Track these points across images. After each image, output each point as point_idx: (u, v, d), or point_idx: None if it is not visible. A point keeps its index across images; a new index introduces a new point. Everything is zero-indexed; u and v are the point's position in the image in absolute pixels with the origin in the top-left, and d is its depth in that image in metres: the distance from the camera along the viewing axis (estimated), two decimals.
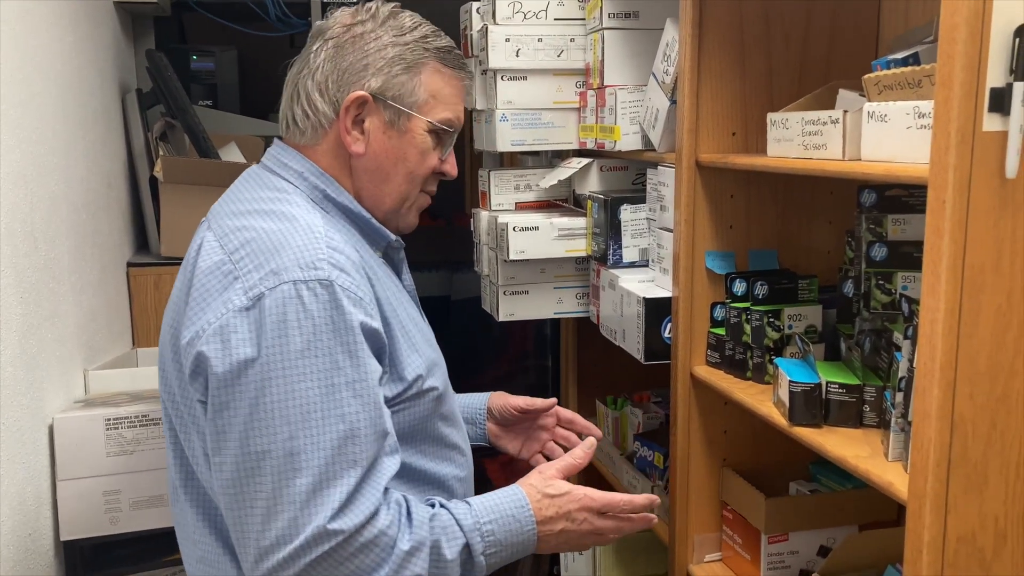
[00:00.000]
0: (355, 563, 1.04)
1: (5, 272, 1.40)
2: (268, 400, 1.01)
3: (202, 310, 1.05)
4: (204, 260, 1.08)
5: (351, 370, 1.04)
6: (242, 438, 1.01)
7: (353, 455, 1.04)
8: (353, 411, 1.04)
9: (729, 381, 1.46)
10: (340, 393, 1.03)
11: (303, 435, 1.01)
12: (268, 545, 1.02)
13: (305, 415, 1.01)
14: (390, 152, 1.18)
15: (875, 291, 1.36)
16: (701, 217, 1.50)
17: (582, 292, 1.94)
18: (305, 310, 1.02)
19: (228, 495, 1.04)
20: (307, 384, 1.02)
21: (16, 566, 1.38)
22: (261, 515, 1.02)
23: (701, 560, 1.61)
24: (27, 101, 1.59)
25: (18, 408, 1.43)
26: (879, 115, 1.07)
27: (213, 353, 1.02)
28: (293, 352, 1.01)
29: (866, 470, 1.09)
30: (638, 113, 1.69)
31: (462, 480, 1.27)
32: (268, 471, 1.01)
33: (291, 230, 1.08)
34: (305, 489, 1.01)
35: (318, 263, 1.05)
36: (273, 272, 1.03)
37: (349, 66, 1.16)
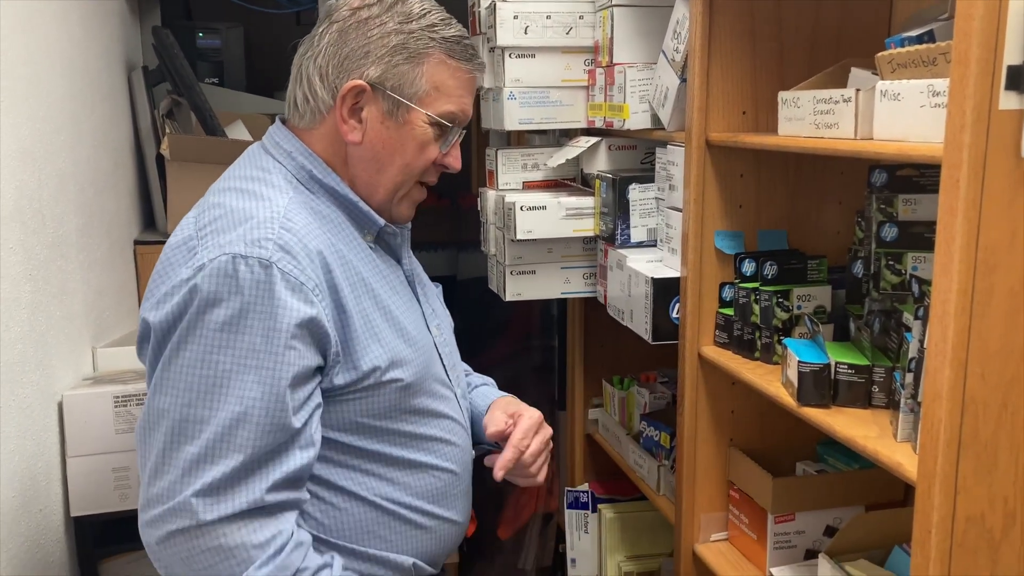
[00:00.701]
0: (208, 560, 1.02)
1: (14, 249, 1.40)
2: (178, 363, 1.02)
3: (160, 281, 1.08)
4: (176, 236, 1.11)
5: (264, 355, 1.03)
6: (154, 391, 1.05)
7: (239, 440, 1.02)
8: (252, 396, 1.02)
9: (737, 361, 1.46)
10: (246, 375, 1.02)
11: (201, 405, 1.02)
12: (149, 499, 1.04)
13: (209, 387, 1.02)
14: (387, 143, 1.16)
15: (885, 271, 1.35)
16: (710, 196, 1.49)
17: (589, 272, 1.93)
18: (237, 285, 1.02)
19: (137, 441, 1.07)
20: (218, 358, 1.02)
21: (27, 541, 1.39)
22: (151, 469, 1.04)
23: (707, 539, 1.62)
24: (33, 78, 1.58)
25: (27, 385, 1.43)
26: (892, 93, 1.06)
27: (152, 316, 1.05)
28: (213, 324, 1.02)
29: (875, 450, 1.09)
30: (647, 91, 1.68)
31: (447, 472, 1.24)
32: (163, 430, 1.03)
33: (254, 208, 1.08)
34: (190, 457, 1.02)
35: (263, 242, 1.04)
36: (219, 245, 1.04)
37: (350, 52, 1.14)
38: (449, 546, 1.29)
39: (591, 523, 2.19)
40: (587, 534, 2.21)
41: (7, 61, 1.44)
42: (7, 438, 1.34)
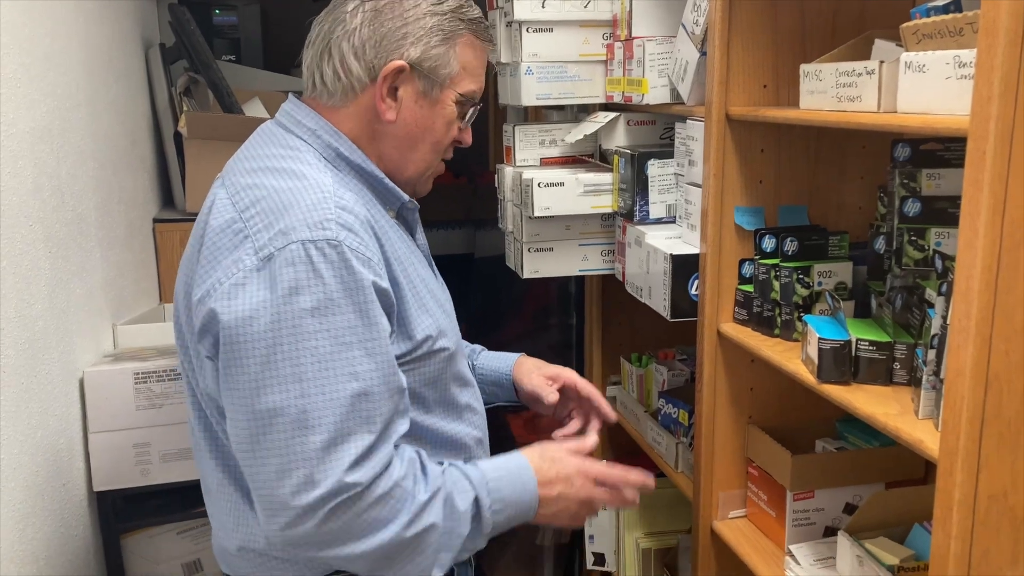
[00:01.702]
0: (372, 514, 1.05)
1: (34, 227, 1.41)
2: (279, 358, 1.01)
3: (212, 268, 1.05)
4: (216, 218, 1.08)
5: (363, 329, 1.04)
6: (253, 395, 1.02)
7: (367, 412, 1.04)
8: (366, 369, 1.04)
9: (756, 338, 1.45)
10: (352, 351, 1.03)
11: (315, 392, 1.01)
12: (282, 502, 1.02)
13: (317, 373, 1.01)
14: (420, 121, 1.18)
15: (907, 247, 1.33)
16: (730, 172, 1.47)
17: (607, 249, 1.92)
18: (314, 270, 1.02)
19: (243, 452, 1.05)
20: (318, 342, 1.01)
21: (51, 515, 1.41)
22: (275, 471, 1.02)
23: (725, 516, 1.61)
24: (50, 56, 1.58)
25: (49, 361, 1.45)
26: (917, 65, 1.04)
27: (223, 310, 1.02)
28: (303, 311, 1.01)
29: (896, 428, 1.08)
30: (667, 65, 1.66)
31: (479, 441, 1.28)
32: (281, 428, 1.01)
33: (300, 188, 1.07)
34: (319, 446, 1.01)
35: (326, 223, 1.04)
36: (282, 232, 1.03)
37: (388, 32, 1.14)
38: None
39: None
40: (605, 511, 2.21)
41: (25, 38, 1.45)
42: (30, 413, 1.35)
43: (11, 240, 1.31)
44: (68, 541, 1.49)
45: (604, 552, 2.24)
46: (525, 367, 1.46)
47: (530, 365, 1.46)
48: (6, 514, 1.23)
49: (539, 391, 1.41)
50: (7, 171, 1.31)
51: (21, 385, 1.32)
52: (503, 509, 1.15)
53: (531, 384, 1.43)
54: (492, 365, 1.47)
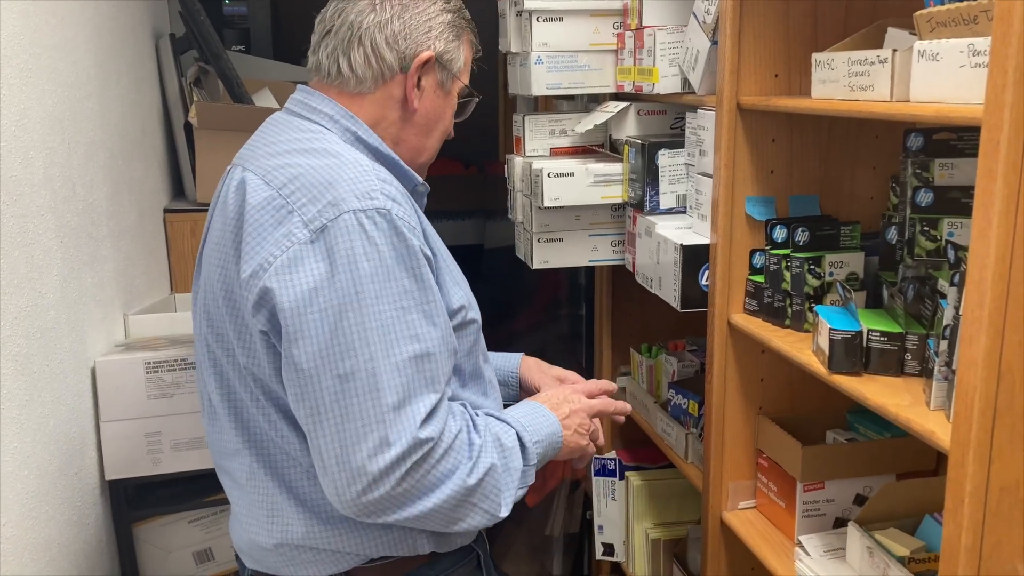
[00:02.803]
0: (440, 468, 1.08)
1: (45, 217, 1.42)
2: (347, 325, 1.03)
3: (259, 244, 1.06)
4: (253, 196, 1.09)
5: (419, 293, 1.07)
6: (323, 364, 1.04)
7: (430, 372, 1.08)
8: (425, 331, 1.07)
9: (767, 329, 1.44)
10: (411, 315, 1.06)
11: (382, 357, 1.04)
12: (359, 466, 1.04)
13: (382, 337, 1.04)
14: (435, 110, 1.25)
15: (920, 237, 1.32)
16: (741, 162, 1.47)
17: (617, 239, 1.91)
18: (368, 238, 1.05)
19: (313, 424, 1.06)
20: (381, 308, 1.05)
21: (63, 503, 1.42)
22: (352, 437, 1.04)
23: (735, 507, 1.61)
24: (61, 45, 1.58)
25: (61, 350, 1.45)
26: (931, 53, 1.03)
27: (282, 285, 1.04)
28: (364, 278, 1.04)
29: (907, 418, 1.07)
30: (677, 55, 1.65)
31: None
32: (353, 393, 1.04)
33: (339, 164, 1.10)
34: (391, 407, 1.04)
35: (372, 193, 1.07)
36: (331, 203, 1.05)
37: (417, 25, 1.21)
38: None
39: (618, 490, 2.19)
40: (614, 501, 2.21)
41: (36, 27, 1.45)
42: (43, 403, 1.36)
43: (23, 230, 1.31)
44: (81, 530, 1.50)
45: (613, 542, 2.24)
46: (531, 367, 1.51)
47: (534, 365, 1.51)
48: (19, 502, 1.24)
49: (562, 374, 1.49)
50: (19, 161, 1.32)
51: (34, 374, 1.32)
52: (540, 440, 1.21)
53: (542, 385, 1.47)
54: (496, 363, 1.50)
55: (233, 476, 1.20)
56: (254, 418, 1.15)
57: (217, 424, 1.20)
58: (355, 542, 1.15)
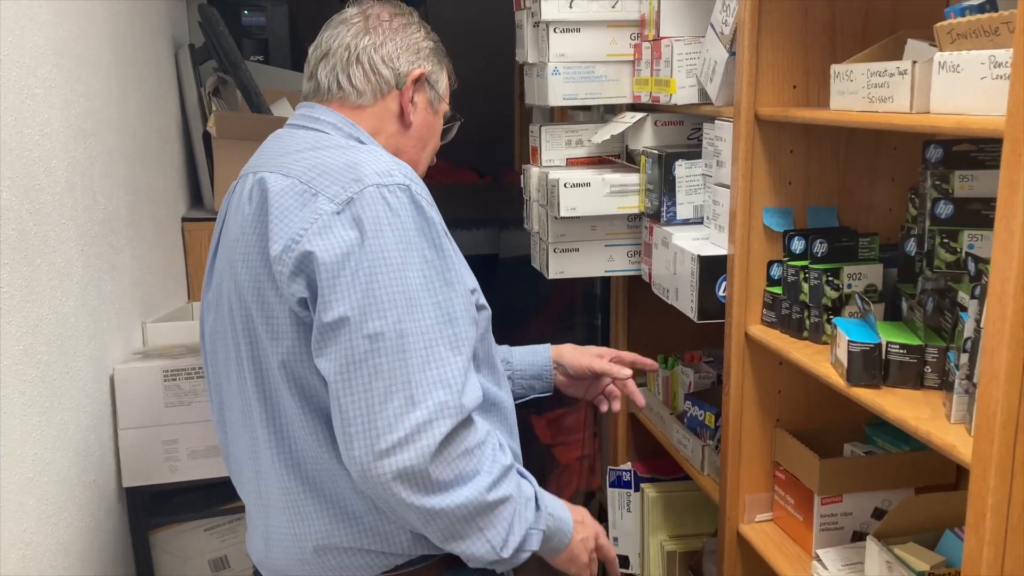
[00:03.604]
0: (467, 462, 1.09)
1: (67, 226, 1.43)
2: (376, 287, 1.07)
3: (288, 222, 1.10)
4: (275, 185, 1.13)
5: (439, 262, 1.11)
6: (355, 323, 1.06)
7: (452, 337, 1.10)
8: (446, 299, 1.11)
9: (785, 341, 1.44)
10: (433, 283, 1.10)
11: (409, 320, 1.07)
12: (386, 424, 1.05)
13: (408, 302, 1.08)
14: (428, 126, 1.33)
15: (939, 250, 1.32)
16: (759, 173, 1.46)
17: (633, 250, 1.91)
18: (391, 210, 1.09)
19: (341, 381, 1.07)
20: (406, 274, 1.09)
21: (82, 510, 1.43)
22: (379, 395, 1.06)
23: (752, 520, 1.60)
24: (84, 56, 1.60)
25: (80, 358, 1.46)
26: (951, 65, 1.03)
27: (318, 247, 1.07)
28: (389, 245, 1.08)
29: (927, 432, 1.06)
30: (695, 66, 1.65)
31: (511, 407, 1.32)
32: (381, 352, 1.06)
33: (356, 152, 1.15)
34: (416, 368, 1.07)
35: (392, 171, 1.13)
36: (355, 180, 1.10)
37: (407, 47, 1.29)
38: None
39: (634, 502, 2.19)
40: (629, 513, 2.20)
41: (59, 39, 1.46)
42: (62, 409, 1.37)
43: (45, 238, 1.32)
44: (98, 536, 1.51)
45: (628, 554, 2.23)
46: (567, 353, 1.57)
47: (569, 348, 1.58)
48: (39, 509, 1.25)
49: (605, 369, 1.55)
50: (42, 170, 1.33)
51: (54, 382, 1.34)
52: (553, 515, 1.22)
53: (589, 365, 1.55)
54: (529, 359, 1.56)
55: (267, 495, 1.20)
56: (288, 418, 1.15)
57: (251, 441, 1.20)
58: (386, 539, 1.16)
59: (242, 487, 1.25)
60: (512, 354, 1.57)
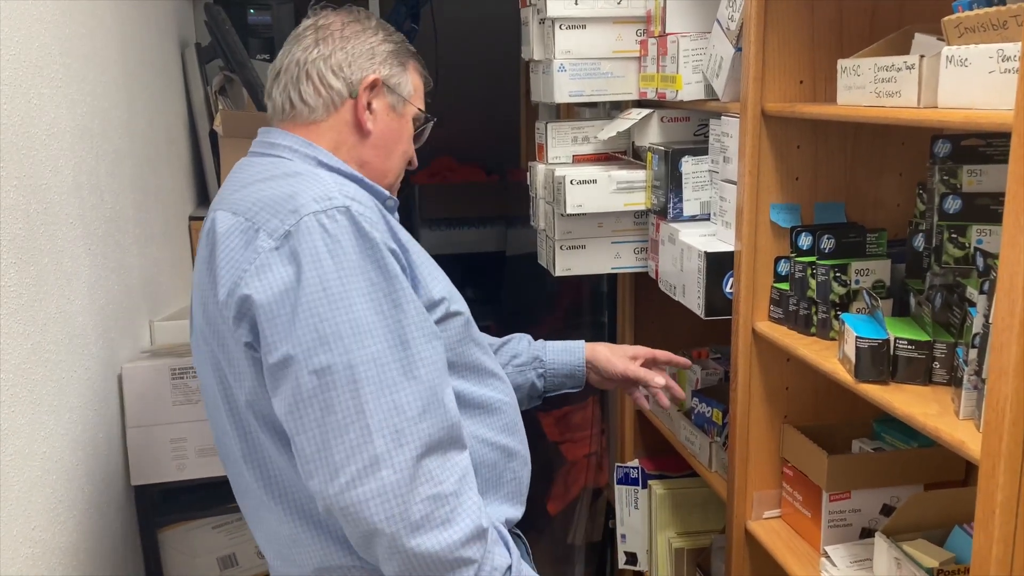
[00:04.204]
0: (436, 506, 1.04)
1: (74, 224, 1.43)
2: (320, 319, 1.04)
3: (230, 266, 1.09)
4: (221, 226, 1.12)
5: (385, 284, 1.08)
6: (299, 361, 1.04)
7: (408, 361, 1.07)
8: (396, 321, 1.08)
9: (792, 337, 1.43)
10: (381, 306, 1.07)
11: (357, 348, 1.04)
12: (342, 460, 1.03)
13: (355, 330, 1.05)
14: (392, 133, 1.29)
15: (947, 245, 1.31)
16: (766, 169, 1.46)
17: (640, 247, 1.91)
18: (330, 236, 1.06)
19: (293, 418, 1.06)
20: (350, 302, 1.05)
21: (90, 509, 1.43)
22: (333, 430, 1.04)
23: (760, 517, 1.60)
24: (90, 55, 1.61)
25: (89, 357, 1.47)
26: (959, 59, 1.02)
27: (255, 289, 1.06)
28: (330, 274, 1.05)
29: (935, 428, 1.06)
30: (701, 61, 1.64)
31: (507, 404, 1.30)
32: (332, 387, 1.04)
33: (300, 180, 1.13)
34: (371, 397, 1.04)
35: (331, 194, 1.10)
36: (292, 211, 1.08)
37: (360, 53, 1.26)
38: (526, 481, 1.33)
39: (641, 499, 2.19)
40: (637, 510, 2.20)
41: (66, 38, 1.47)
42: (71, 408, 1.37)
43: (52, 238, 1.33)
44: (107, 535, 1.51)
45: (636, 551, 2.23)
46: (601, 355, 1.57)
47: (605, 350, 1.58)
48: (48, 507, 1.25)
49: (638, 376, 1.56)
50: (48, 170, 1.33)
51: (62, 380, 1.34)
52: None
53: (623, 372, 1.56)
54: (563, 358, 1.57)
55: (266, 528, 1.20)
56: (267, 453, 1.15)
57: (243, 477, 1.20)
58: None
59: (241, 504, 1.26)
60: (546, 351, 1.57)
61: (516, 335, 1.60)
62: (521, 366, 1.55)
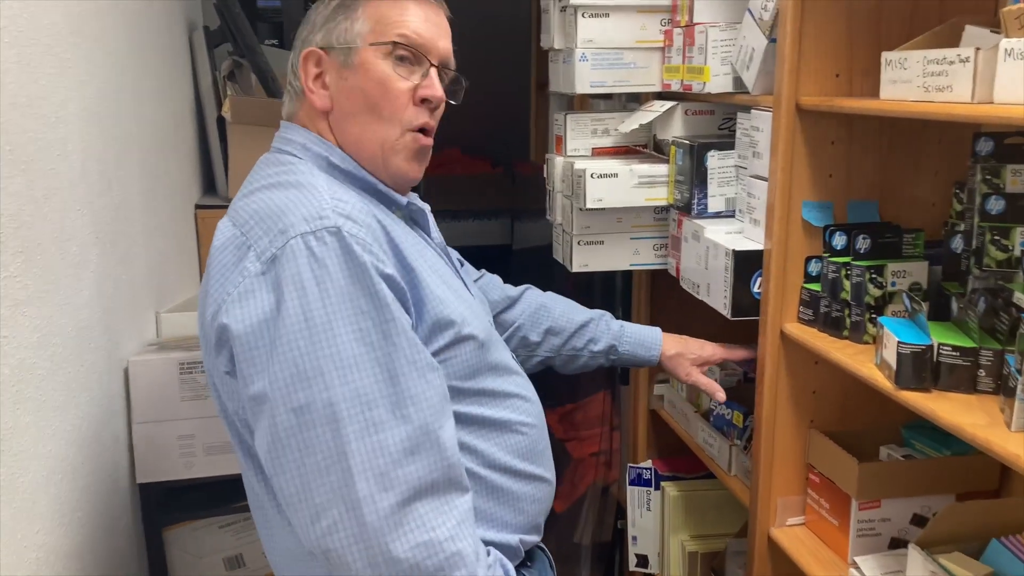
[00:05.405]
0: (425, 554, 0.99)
1: (82, 212, 1.38)
2: (297, 355, 0.98)
3: (218, 286, 1.04)
4: (218, 239, 1.08)
5: (375, 312, 1.01)
6: (277, 398, 0.98)
7: (397, 398, 1.00)
8: (385, 354, 1.01)
9: (823, 340, 1.39)
10: (370, 337, 1.00)
11: (339, 384, 0.98)
12: (322, 506, 0.98)
13: (339, 364, 0.98)
14: (350, 94, 1.17)
15: (989, 247, 1.27)
16: (799, 165, 1.41)
17: (660, 243, 1.86)
18: (318, 261, 1.00)
19: (271, 458, 1.01)
20: (334, 332, 0.99)
21: (95, 509, 1.38)
22: (313, 472, 0.98)
23: (783, 524, 1.55)
24: (100, 36, 1.55)
25: (95, 350, 1.42)
26: (1020, 52, 0.97)
27: (233, 319, 1.01)
28: (313, 304, 0.99)
29: (986, 440, 1.01)
30: (730, 53, 1.59)
31: (530, 426, 1.24)
32: (311, 425, 0.98)
33: (296, 193, 1.07)
34: (354, 437, 0.98)
35: (323, 212, 1.03)
36: (280, 231, 1.02)
37: (304, 39, 1.21)
38: (546, 506, 1.27)
39: (654, 501, 2.14)
40: (649, 512, 2.16)
41: (76, 15, 1.41)
42: (77, 404, 1.32)
43: (60, 227, 1.28)
44: (112, 534, 1.46)
45: (647, 554, 2.18)
46: (669, 360, 1.64)
47: (676, 351, 1.64)
48: (52, 506, 1.21)
49: (702, 387, 1.63)
50: (56, 154, 1.28)
51: (69, 375, 1.29)
52: None
53: (695, 382, 1.63)
54: (636, 352, 1.63)
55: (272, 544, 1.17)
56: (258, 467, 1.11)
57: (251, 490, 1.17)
58: None
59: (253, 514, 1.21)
60: (622, 340, 1.61)
61: (598, 314, 1.64)
62: (596, 353, 1.60)
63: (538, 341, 1.59)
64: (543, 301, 1.63)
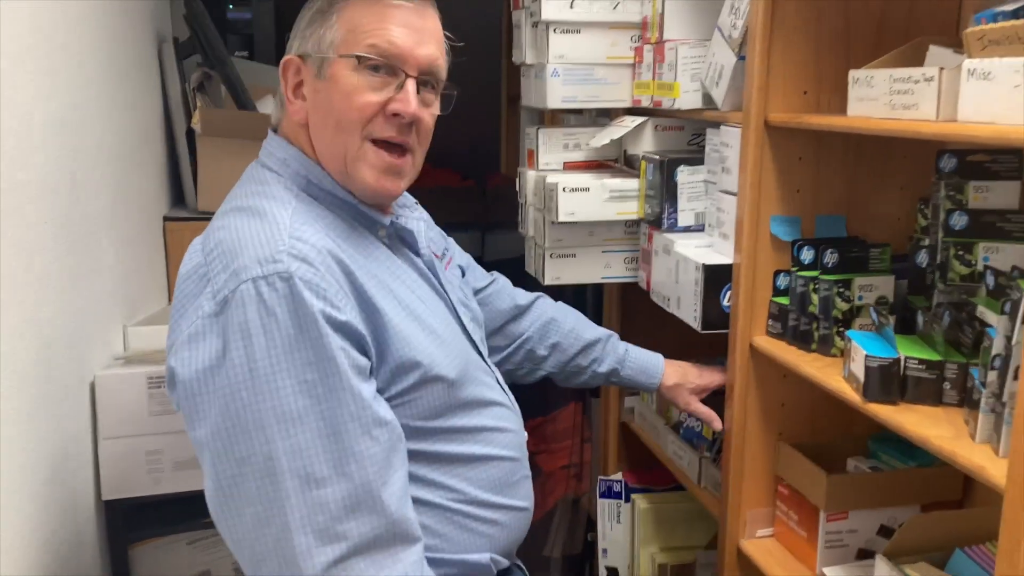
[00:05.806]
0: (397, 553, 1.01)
1: (47, 225, 1.36)
2: (239, 406, 0.98)
3: (181, 315, 1.05)
4: (186, 263, 1.09)
5: (320, 366, 1.00)
6: (221, 447, 0.98)
7: (340, 454, 0.99)
8: (329, 408, 1.00)
9: (792, 353, 1.40)
10: (315, 391, 0.99)
11: (280, 438, 0.97)
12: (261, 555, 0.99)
13: (280, 417, 0.98)
14: (320, 105, 1.14)
15: (953, 262, 1.29)
16: (768, 180, 1.43)
17: (631, 256, 1.87)
18: (267, 308, 0.99)
19: (216, 501, 1.01)
20: (279, 384, 0.98)
21: (60, 528, 1.35)
22: (252, 523, 0.98)
23: (753, 535, 1.57)
24: (67, 46, 1.53)
25: (60, 365, 1.39)
26: (982, 72, 1.00)
27: (180, 363, 1.01)
28: (258, 353, 0.98)
29: (951, 451, 1.03)
30: (699, 69, 1.61)
31: (503, 459, 1.22)
32: (251, 477, 0.98)
33: (258, 225, 1.06)
34: (293, 492, 0.97)
35: (277, 255, 1.02)
36: (234, 273, 1.01)
37: (289, 41, 1.20)
38: (520, 534, 1.27)
39: (624, 513, 2.14)
40: (619, 524, 2.16)
41: (44, 24, 1.39)
42: (41, 419, 1.29)
43: (24, 239, 1.25)
44: (75, 552, 1.43)
45: (618, 567, 2.19)
46: (671, 381, 1.62)
47: (676, 378, 1.62)
48: (14, 523, 1.18)
49: (701, 416, 1.61)
50: (20, 166, 1.26)
51: (33, 391, 1.26)
52: None
53: (693, 411, 1.62)
54: (637, 379, 1.63)
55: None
56: None
57: None
58: None
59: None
60: (625, 365, 1.61)
61: (605, 334, 1.63)
62: (598, 374, 1.61)
63: (545, 355, 1.58)
64: (553, 315, 1.61)
